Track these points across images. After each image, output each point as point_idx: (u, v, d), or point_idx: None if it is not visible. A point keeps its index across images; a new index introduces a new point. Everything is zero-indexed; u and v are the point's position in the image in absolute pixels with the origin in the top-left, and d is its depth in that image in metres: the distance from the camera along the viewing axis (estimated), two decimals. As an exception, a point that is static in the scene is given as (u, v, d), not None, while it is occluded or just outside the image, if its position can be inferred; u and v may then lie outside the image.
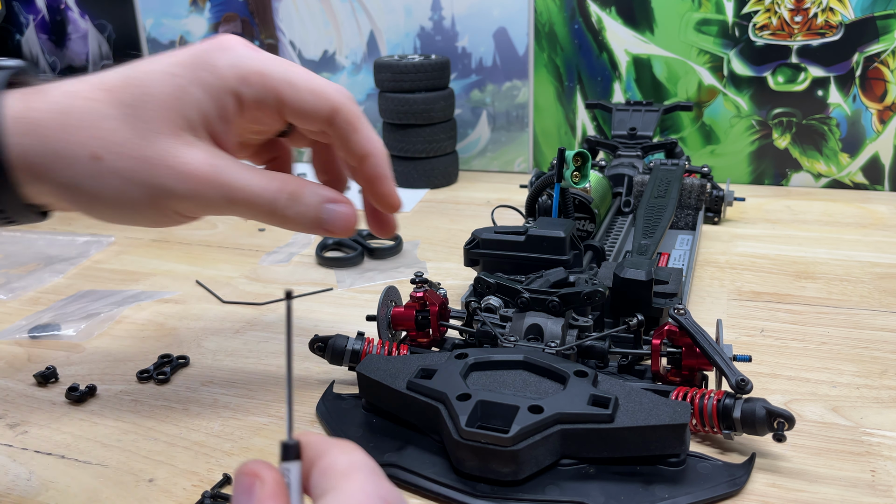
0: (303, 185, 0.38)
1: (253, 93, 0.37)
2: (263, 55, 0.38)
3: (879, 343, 0.53)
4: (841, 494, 0.38)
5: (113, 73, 0.36)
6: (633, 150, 0.85)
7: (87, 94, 0.36)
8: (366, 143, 0.39)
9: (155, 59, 0.37)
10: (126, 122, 0.35)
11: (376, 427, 0.43)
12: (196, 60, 0.36)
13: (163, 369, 0.51)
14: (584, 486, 0.37)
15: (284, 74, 0.38)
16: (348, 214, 0.39)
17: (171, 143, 0.36)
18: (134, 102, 0.36)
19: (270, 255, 0.75)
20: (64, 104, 0.35)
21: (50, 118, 0.35)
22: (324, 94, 0.38)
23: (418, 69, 0.95)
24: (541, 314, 0.46)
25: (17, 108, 0.35)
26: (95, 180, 0.35)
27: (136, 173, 0.36)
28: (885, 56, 0.89)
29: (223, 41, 0.37)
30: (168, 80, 0.36)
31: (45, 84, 0.36)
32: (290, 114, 0.38)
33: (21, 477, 0.40)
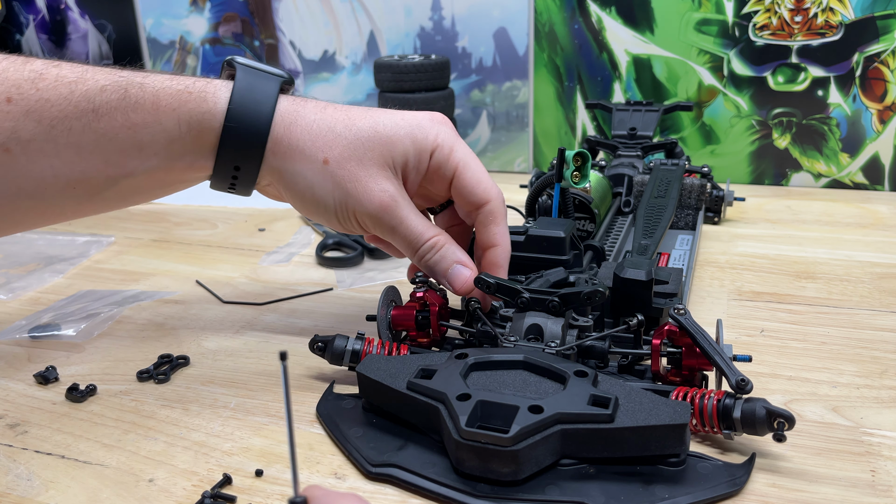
0: (448, 243, 0.49)
1: (440, 159, 0.49)
2: (458, 139, 0.50)
3: (879, 343, 0.53)
4: (841, 494, 0.38)
5: (357, 108, 0.49)
6: (633, 150, 0.85)
7: (333, 114, 0.48)
8: (499, 236, 0.50)
9: (387, 110, 0.49)
10: (353, 144, 0.47)
11: (376, 427, 0.43)
12: (416, 122, 0.48)
13: (163, 369, 0.51)
14: (584, 486, 0.37)
15: (465, 159, 0.49)
16: (466, 278, 0.49)
17: (376, 171, 0.47)
18: (364, 132, 0.47)
19: (270, 255, 0.75)
20: (316, 115, 0.47)
21: (304, 123, 0.47)
22: (485, 185, 0.49)
23: (418, 69, 0.95)
24: (541, 314, 0.46)
25: (285, 107, 0.47)
26: (317, 177, 0.47)
27: (345, 182, 0.47)
28: (885, 56, 0.89)
29: (437, 116, 0.50)
30: (393, 127, 0.48)
31: (306, 98, 0.48)
32: (455, 188, 0.50)
33: (21, 477, 0.40)
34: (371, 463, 0.40)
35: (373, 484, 0.39)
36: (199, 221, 0.88)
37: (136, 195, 0.49)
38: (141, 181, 0.47)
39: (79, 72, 0.44)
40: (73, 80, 0.43)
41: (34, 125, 0.43)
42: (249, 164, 0.47)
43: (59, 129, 0.43)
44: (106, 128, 0.44)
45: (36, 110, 0.42)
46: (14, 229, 0.48)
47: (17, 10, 1.26)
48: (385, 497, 0.38)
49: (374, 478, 0.39)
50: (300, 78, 1.15)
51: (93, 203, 0.47)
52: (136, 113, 0.44)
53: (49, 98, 0.43)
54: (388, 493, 0.38)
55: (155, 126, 0.45)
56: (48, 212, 0.47)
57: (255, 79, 0.47)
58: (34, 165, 0.43)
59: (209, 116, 0.45)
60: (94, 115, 0.43)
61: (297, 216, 0.89)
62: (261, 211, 0.91)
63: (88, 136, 0.44)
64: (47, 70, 0.43)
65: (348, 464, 0.41)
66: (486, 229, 0.50)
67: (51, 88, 0.43)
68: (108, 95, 0.44)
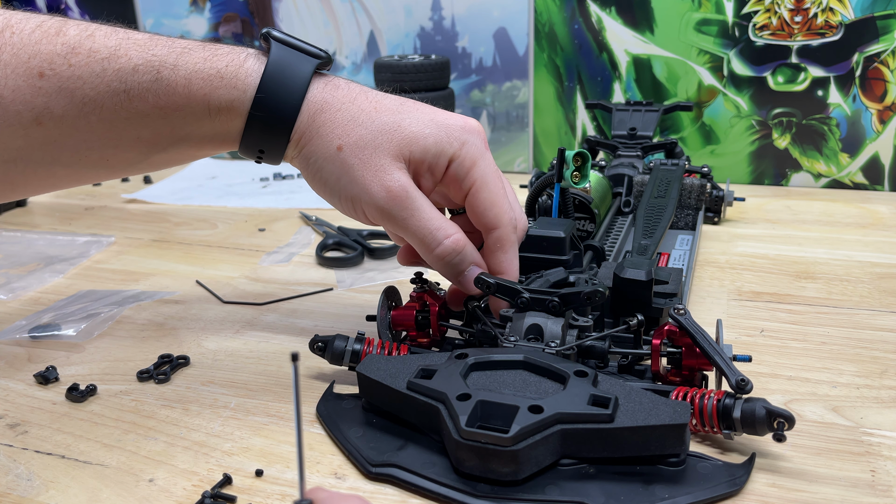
0: (467, 242, 0.47)
1: (458, 171, 0.46)
2: (485, 154, 0.48)
3: (879, 343, 0.53)
4: (841, 494, 0.38)
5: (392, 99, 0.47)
6: (633, 150, 0.85)
7: (362, 104, 0.46)
8: (504, 264, 0.48)
9: (424, 107, 0.47)
10: (371, 133, 0.45)
11: (376, 427, 0.43)
12: (446, 124, 0.46)
13: (163, 369, 0.51)
14: (584, 486, 0.37)
15: (484, 177, 0.47)
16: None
17: (389, 161, 0.45)
18: (387, 124, 0.46)
19: (270, 255, 0.75)
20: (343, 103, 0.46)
21: (330, 111, 0.46)
22: (497, 210, 0.47)
23: (418, 69, 0.95)
24: (541, 314, 0.46)
25: (315, 94, 0.46)
26: (328, 163, 0.46)
27: (354, 169, 0.45)
28: (885, 56, 0.89)
29: (474, 125, 0.48)
30: (419, 125, 0.46)
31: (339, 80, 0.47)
32: (469, 205, 0.47)
33: (21, 477, 0.40)
34: (371, 463, 0.40)
35: (373, 484, 0.39)
36: (199, 221, 0.88)
37: (166, 164, 0.50)
38: (171, 155, 0.48)
39: (112, 45, 0.44)
40: (105, 57, 0.43)
41: (66, 102, 0.43)
42: (274, 149, 0.47)
43: (91, 106, 0.43)
44: (137, 108, 0.44)
45: (68, 88, 0.43)
46: (50, 189, 0.49)
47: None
48: (385, 497, 0.38)
49: (374, 478, 0.39)
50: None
51: (125, 170, 0.49)
52: (168, 96, 0.44)
53: (81, 76, 0.43)
54: (388, 493, 0.38)
55: (185, 109, 0.45)
56: (82, 177, 0.48)
57: (290, 59, 0.45)
58: (68, 139, 0.44)
59: (238, 103, 0.45)
60: (125, 95, 0.44)
61: (298, 216, 0.89)
62: (261, 211, 0.91)
63: (120, 114, 0.44)
64: (80, 43, 0.43)
65: (348, 464, 0.41)
66: (493, 255, 0.48)
67: (83, 65, 0.43)
68: (141, 77, 0.44)
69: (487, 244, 0.48)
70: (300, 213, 0.89)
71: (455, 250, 0.46)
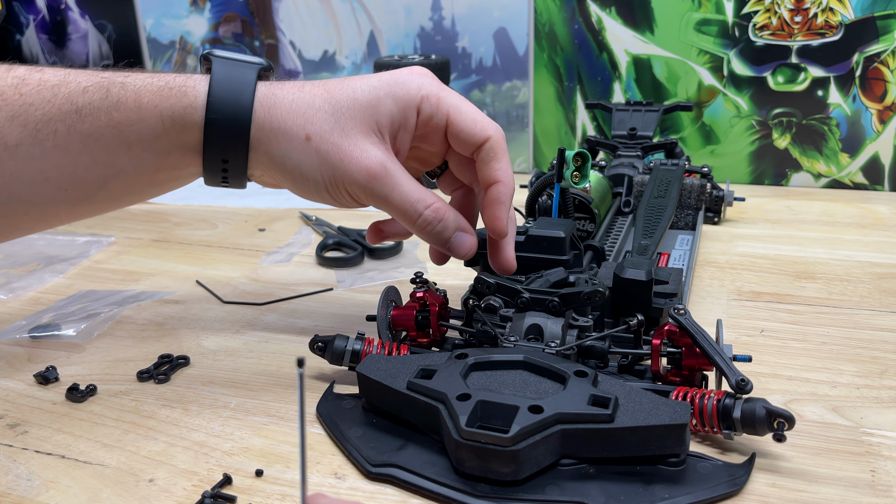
0: (447, 209, 0.48)
1: (430, 109, 0.47)
2: (444, 86, 0.48)
3: (879, 343, 0.53)
4: (841, 494, 0.38)
5: (335, 80, 0.47)
6: (633, 150, 0.85)
7: (311, 90, 0.46)
8: (500, 172, 0.48)
9: (365, 76, 0.47)
10: (333, 116, 0.45)
11: (376, 427, 0.43)
12: (393, 80, 0.47)
13: (163, 369, 0.51)
14: (584, 486, 0.37)
15: (454, 101, 0.47)
16: (471, 245, 0.48)
17: (361, 139, 0.45)
18: (342, 102, 0.46)
19: (270, 255, 0.75)
20: (294, 95, 0.46)
21: (283, 104, 0.46)
22: (481, 124, 0.47)
23: (418, 69, 0.95)
24: (541, 314, 0.46)
25: (263, 92, 0.46)
26: (302, 156, 0.45)
27: (330, 155, 0.45)
28: (885, 56, 0.89)
29: (415, 69, 0.48)
30: (370, 90, 0.46)
31: (283, 81, 0.47)
32: (452, 134, 0.47)
33: (21, 477, 0.40)
34: (371, 463, 0.40)
35: (373, 484, 0.39)
36: (199, 221, 0.88)
37: (128, 195, 0.49)
38: (132, 179, 0.47)
39: (61, 75, 0.44)
40: (55, 84, 0.44)
41: (20, 130, 0.43)
42: (237, 155, 0.46)
43: (45, 132, 0.43)
44: (90, 128, 0.44)
45: (20, 115, 0.43)
46: (11, 235, 0.48)
47: (17, 11, 1.26)
48: (385, 497, 0.38)
49: (374, 478, 0.39)
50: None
51: (87, 204, 0.48)
52: (119, 111, 0.44)
53: (32, 102, 0.43)
54: (388, 493, 0.38)
55: (139, 123, 0.45)
56: (43, 215, 0.47)
57: (233, 69, 0.46)
58: (24, 170, 0.44)
59: (191, 110, 0.45)
60: (77, 116, 0.44)
61: (298, 216, 0.89)
62: (261, 211, 0.91)
63: (74, 137, 0.44)
64: (30, 75, 0.44)
65: (348, 464, 0.41)
66: (488, 166, 0.47)
67: (34, 93, 0.43)
68: (91, 96, 0.44)
69: (480, 159, 0.48)
70: (300, 213, 0.89)
71: (436, 218, 0.47)
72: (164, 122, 0.45)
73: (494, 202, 0.48)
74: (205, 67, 0.47)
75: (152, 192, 0.50)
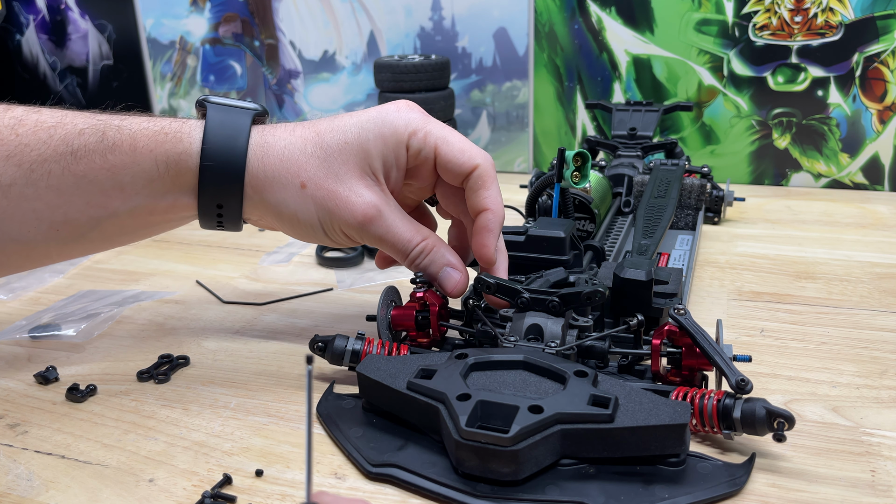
0: (437, 245, 0.49)
1: (418, 144, 0.48)
2: (430, 119, 0.49)
3: (879, 343, 0.53)
4: (841, 494, 0.38)
5: (324, 121, 0.48)
6: (633, 150, 0.85)
7: (302, 134, 0.47)
8: (488, 200, 0.49)
9: (353, 114, 0.48)
10: (325, 161, 0.47)
11: (376, 427, 0.43)
12: (381, 118, 0.47)
13: (163, 369, 0.51)
14: (584, 486, 0.37)
15: (441, 133, 0.48)
16: (456, 281, 0.49)
17: (355, 182, 0.47)
18: (333, 147, 0.47)
19: (270, 255, 0.75)
20: (286, 141, 0.47)
21: (275, 152, 0.47)
22: (469, 153, 0.48)
23: (418, 69, 0.95)
24: (541, 314, 0.46)
25: (256, 139, 0.47)
26: (298, 203, 0.47)
27: (325, 201, 0.47)
28: (885, 56, 0.89)
29: (401, 104, 0.49)
30: (360, 132, 0.47)
31: (276, 125, 0.48)
32: (441, 165, 0.48)
33: (21, 477, 0.40)
34: (371, 463, 0.40)
35: (373, 484, 0.39)
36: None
37: (121, 235, 0.49)
38: (124, 221, 0.47)
39: (58, 117, 0.45)
40: (52, 125, 0.44)
41: (14, 169, 0.44)
42: (231, 201, 0.47)
43: (39, 172, 0.44)
44: (85, 170, 0.44)
45: (16, 155, 0.44)
46: (1, 273, 0.48)
47: (17, 11, 1.26)
48: (385, 497, 0.38)
49: (374, 478, 0.39)
50: (300, 78, 1.15)
51: (78, 244, 0.48)
52: (114, 154, 0.45)
53: (28, 143, 0.44)
54: (388, 493, 0.38)
55: (133, 167, 0.45)
56: (33, 254, 0.47)
57: (227, 115, 0.47)
58: (16, 209, 0.44)
59: (185, 156, 0.46)
60: (72, 157, 0.44)
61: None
62: (261, 211, 0.91)
63: (68, 178, 0.44)
64: (27, 116, 0.45)
65: (348, 464, 0.41)
66: (476, 194, 0.49)
67: (30, 134, 0.44)
68: (86, 138, 0.44)
69: (469, 188, 0.49)
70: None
71: (424, 254, 0.49)
72: (159, 166, 0.45)
73: (483, 230, 0.49)
74: (200, 113, 0.48)
75: (144, 233, 0.50)
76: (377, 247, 0.50)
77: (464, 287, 0.49)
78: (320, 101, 1.15)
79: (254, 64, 1.17)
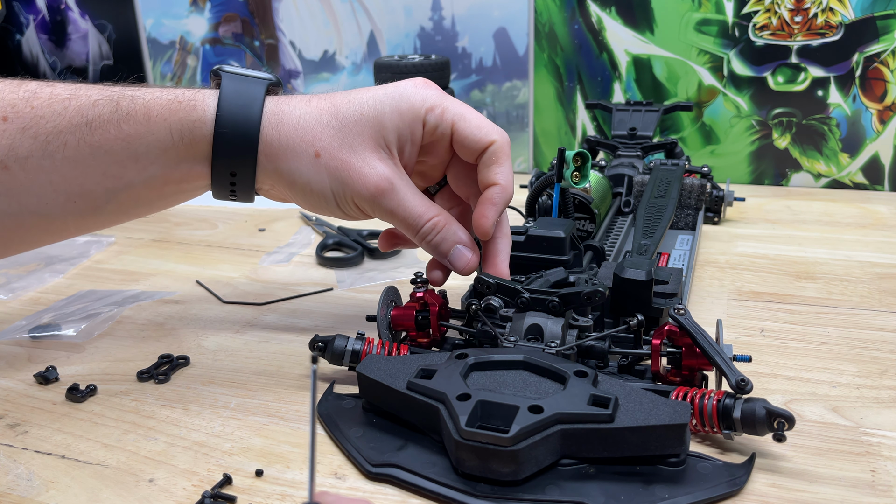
0: (449, 222, 0.49)
1: (434, 120, 0.48)
2: (447, 96, 0.48)
3: (879, 343, 0.53)
4: (841, 494, 0.38)
5: (341, 94, 0.48)
6: (633, 150, 0.85)
7: (318, 105, 0.47)
8: (499, 175, 0.49)
9: (370, 88, 0.48)
10: (340, 132, 0.46)
11: (376, 427, 0.43)
12: (398, 93, 0.47)
13: (163, 369, 0.51)
14: (584, 486, 0.37)
15: (459, 110, 0.48)
16: (468, 259, 0.49)
17: (368, 154, 0.46)
18: (349, 117, 0.47)
19: (270, 255, 0.75)
20: (301, 110, 0.47)
21: (290, 120, 0.46)
22: (486, 129, 0.48)
23: (418, 69, 0.95)
24: (541, 314, 0.46)
25: (271, 108, 0.47)
26: (311, 172, 0.46)
27: (339, 171, 0.46)
28: (885, 56, 0.89)
29: (419, 81, 0.48)
30: (376, 105, 0.47)
31: (291, 95, 0.48)
32: (457, 141, 0.48)
33: (21, 477, 0.40)
34: (371, 463, 0.40)
35: (373, 484, 0.39)
36: (199, 221, 0.88)
37: (137, 207, 0.49)
38: (140, 192, 0.47)
39: (72, 89, 0.45)
40: (66, 98, 0.44)
41: (31, 142, 0.44)
42: (245, 169, 0.47)
43: (55, 144, 0.44)
44: (100, 140, 0.45)
45: (31, 127, 0.44)
46: (21, 247, 0.49)
47: (17, 10, 1.26)
48: (385, 497, 0.38)
49: (374, 478, 0.39)
50: (300, 78, 1.15)
51: (95, 216, 0.48)
52: (129, 124, 0.45)
53: (44, 115, 0.44)
54: (388, 493, 0.38)
55: (148, 136, 0.45)
56: (52, 227, 0.47)
57: (242, 84, 0.47)
58: (34, 182, 0.44)
59: (199, 124, 0.46)
60: (87, 128, 0.44)
61: (298, 216, 0.89)
62: (261, 211, 0.91)
63: (84, 149, 0.44)
64: (41, 89, 0.45)
65: (348, 464, 0.41)
66: (489, 169, 0.48)
67: (45, 106, 0.44)
68: (101, 109, 0.45)
69: (482, 163, 0.49)
70: (300, 212, 0.89)
71: (436, 230, 0.48)
72: (173, 134, 0.45)
73: (486, 201, 0.49)
74: (214, 83, 0.48)
75: (160, 204, 0.50)
76: (388, 221, 0.49)
77: (474, 266, 0.49)
78: (320, 101, 1.15)
79: (254, 64, 1.17)
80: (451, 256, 0.49)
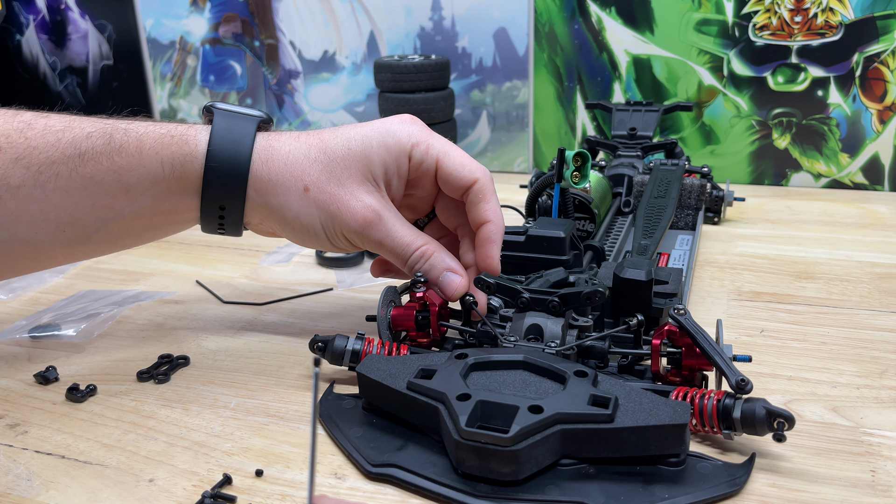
0: (436, 251, 0.50)
1: (420, 155, 0.49)
2: (432, 133, 0.50)
3: (879, 343, 0.53)
4: (841, 494, 0.38)
5: (329, 130, 0.50)
6: (633, 150, 0.85)
7: (306, 141, 0.49)
8: (489, 212, 0.50)
9: (356, 125, 0.50)
10: (328, 166, 0.48)
11: (376, 427, 0.43)
12: (384, 129, 0.49)
13: (163, 369, 0.51)
14: (584, 486, 0.37)
15: (443, 147, 0.49)
16: (457, 284, 0.50)
17: (356, 187, 0.48)
18: (337, 153, 0.48)
19: (270, 255, 0.75)
20: (290, 146, 0.48)
21: (280, 156, 0.48)
22: (469, 167, 0.49)
23: (418, 69, 0.95)
24: (541, 314, 0.46)
25: (261, 144, 0.48)
26: (301, 206, 0.48)
27: (327, 204, 0.48)
28: (885, 56, 0.89)
29: (405, 118, 0.50)
30: (363, 140, 0.48)
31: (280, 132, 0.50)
32: (441, 178, 0.50)
33: (21, 477, 0.40)
34: (371, 463, 0.40)
35: (373, 484, 0.39)
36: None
37: (126, 237, 0.50)
38: (129, 222, 0.48)
39: (66, 121, 0.46)
40: (60, 129, 0.45)
41: (23, 171, 0.44)
42: (234, 203, 0.48)
43: (47, 174, 0.45)
44: (92, 172, 0.45)
45: (24, 157, 0.44)
46: (8, 274, 0.49)
47: (17, 10, 1.26)
48: (385, 497, 0.38)
49: (374, 478, 0.39)
50: (300, 78, 1.15)
51: (84, 245, 0.49)
52: (121, 157, 0.46)
53: (37, 146, 0.44)
54: (388, 493, 0.38)
55: (139, 168, 0.46)
56: (40, 255, 0.48)
57: (233, 121, 0.48)
58: (24, 210, 0.45)
59: (191, 158, 0.47)
60: (80, 159, 0.45)
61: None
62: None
63: (76, 180, 0.45)
64: (36, 120, 0.45)
65: (348, 464, 0.41)
66: (477, 207, 0.50)
67: (39, 137, 0.45)
68: (94, 141, 0.45)
69: (469, 201, 0.50)
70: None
71: (424, 259, 0.49)
72: (165, 167, 0.46)
73: (486, 241, 0.50)
74: (206, 119, 0.49)
75: (149, 235, 0.51)
76: (377, 252, 0.50)
77: (464, 290, 0.50)
78: (320, 101, 1.15)
79: (254, 64, 1.17)
80: (441, 283, 0.50)
